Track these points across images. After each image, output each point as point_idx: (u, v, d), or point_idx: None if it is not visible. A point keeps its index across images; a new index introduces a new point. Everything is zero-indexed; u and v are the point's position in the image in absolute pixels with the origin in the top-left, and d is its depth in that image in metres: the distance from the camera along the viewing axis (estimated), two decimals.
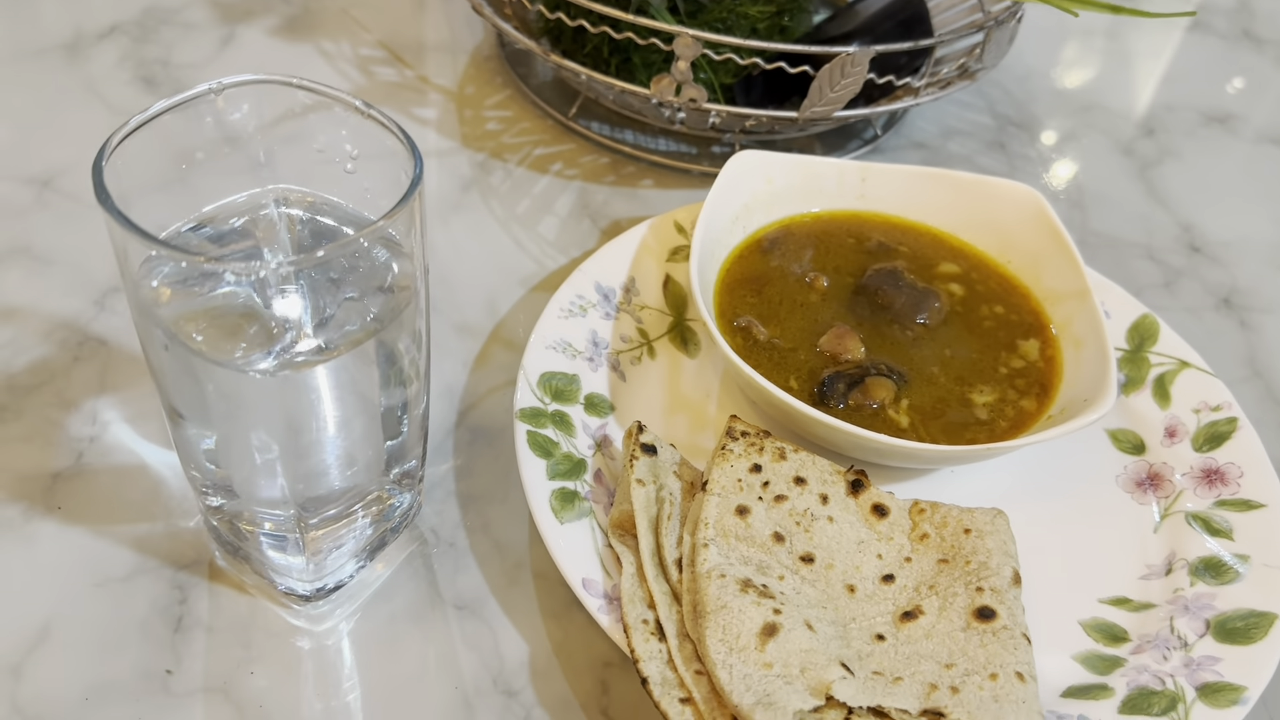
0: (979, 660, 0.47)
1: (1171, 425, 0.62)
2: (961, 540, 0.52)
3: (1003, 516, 0.53)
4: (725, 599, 0.47)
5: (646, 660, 0.47)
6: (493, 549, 0.56)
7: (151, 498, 0.56)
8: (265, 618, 0.52)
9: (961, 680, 0.46)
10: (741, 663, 0.45)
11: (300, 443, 0.46)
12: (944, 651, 0.48)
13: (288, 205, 0.48)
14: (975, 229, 0.68)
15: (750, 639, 0.46)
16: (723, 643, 0.46)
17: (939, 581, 0.51)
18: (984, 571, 0.50)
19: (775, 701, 0.43)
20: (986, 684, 0.46)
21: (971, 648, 0.48)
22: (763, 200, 0.68)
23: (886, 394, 0.59)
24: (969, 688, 0.46)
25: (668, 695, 0.46)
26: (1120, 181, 0.86)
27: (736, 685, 0.44)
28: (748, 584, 0.48)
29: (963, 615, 0.49)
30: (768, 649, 0.45)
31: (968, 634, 0.48)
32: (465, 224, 0.74)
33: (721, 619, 0.46)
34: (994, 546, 0.52)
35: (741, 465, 0.54)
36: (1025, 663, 0.47)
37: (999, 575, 0.50)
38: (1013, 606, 0.49)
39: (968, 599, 0.49)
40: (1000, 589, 0.50)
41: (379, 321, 0.45)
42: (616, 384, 0.62)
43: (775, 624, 0.46)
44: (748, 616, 0.46)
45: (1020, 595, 0.51)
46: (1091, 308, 0.62)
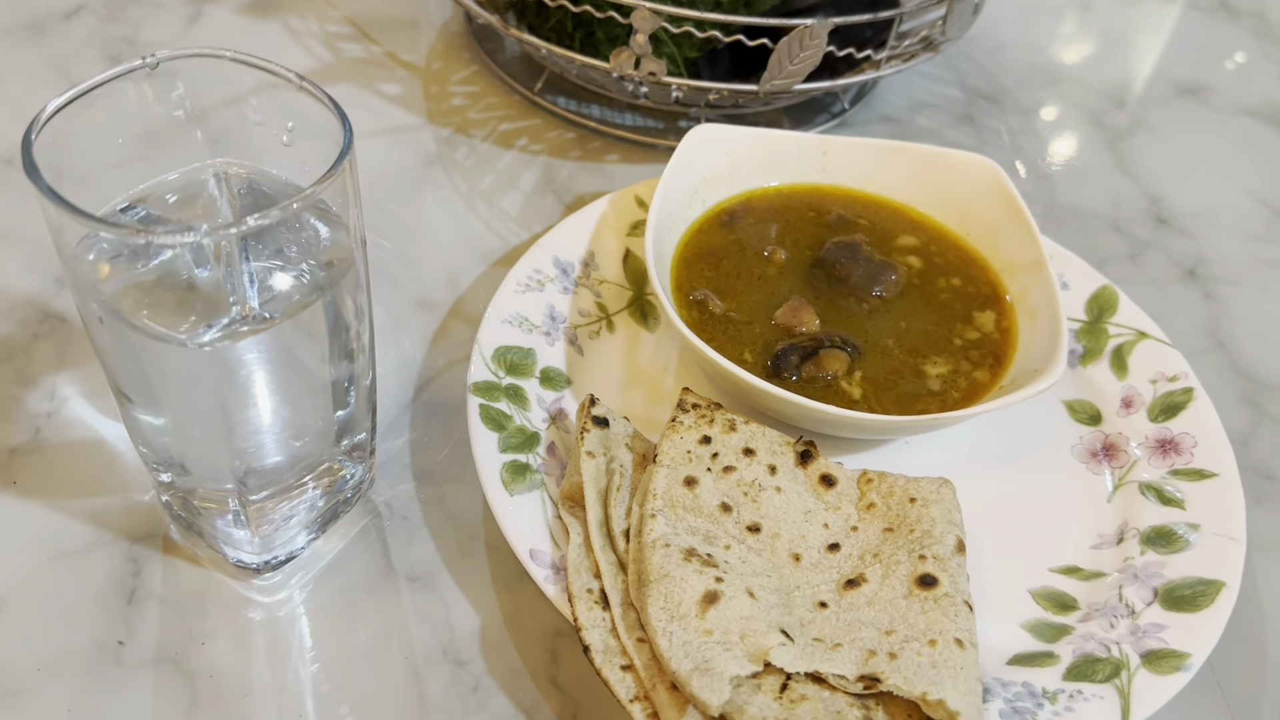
0: (919, 627, 0.47)
1: (1128, 396, 0.63)
2: (907, 509, 0.52)
3: (948, 485, 0.54)
4: (668, 568, 0.48)
5: (590, 628, 0.47)
6: (446, 522, 0.56)
7: (108, 472, 0.56)
8: (218, 590, 0.52)
9: (900, 647, 0.47)
10: (681, 630, 0.46)
11: (243, 416, 0.46)
12: (885, 618, 0.48)
13: (227, 180, 0.48)
14: (935, 201, 0.68)
15: (691, 606, 0.46)
16: (664, 610, 0.46)
17: (883, 550, 0.51)
18: (927, 540, 0.51)
19: (713, 667, 0.44)
20: (925, 650, 0.46)
21: (912, 614, 0.48)
22: (722, 174, 0.68)
23: (840, 366, 0.59)
24: (907, 654, 0.46)
25: (609, 663, 0.46)
26: (1090, 154, 0.85)
27: (675, 652, 0.45)
28: (691, 553, 0.48)
29: (905, 583, 0.49)
30: (708, 616, 0.46)
31: (909, 601, 0.48)
32: (429, 199, 0.74)
33: (664, 587, 0.47)
34: (938, 515, 0.52)
35: (691, 437, 0.54)
36: (965, 629, 0.47)
37: (942, 544, 0.51)
38: (955, 574, 0.50)
39: (910, 567, 0.50)
40: (943, 557, 0.50)
41: (317, 291, 0.45)
42: (574, 358, 0.62)
43: (716, 592, 0.47)
44: (689, 585, 0.47)
45: (964, 563, 0.51)
46: (1047, 279, 0.62)
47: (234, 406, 0.46)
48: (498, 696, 0.50)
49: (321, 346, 0.49)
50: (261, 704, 0.48)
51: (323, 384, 0.50)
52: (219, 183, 0.49)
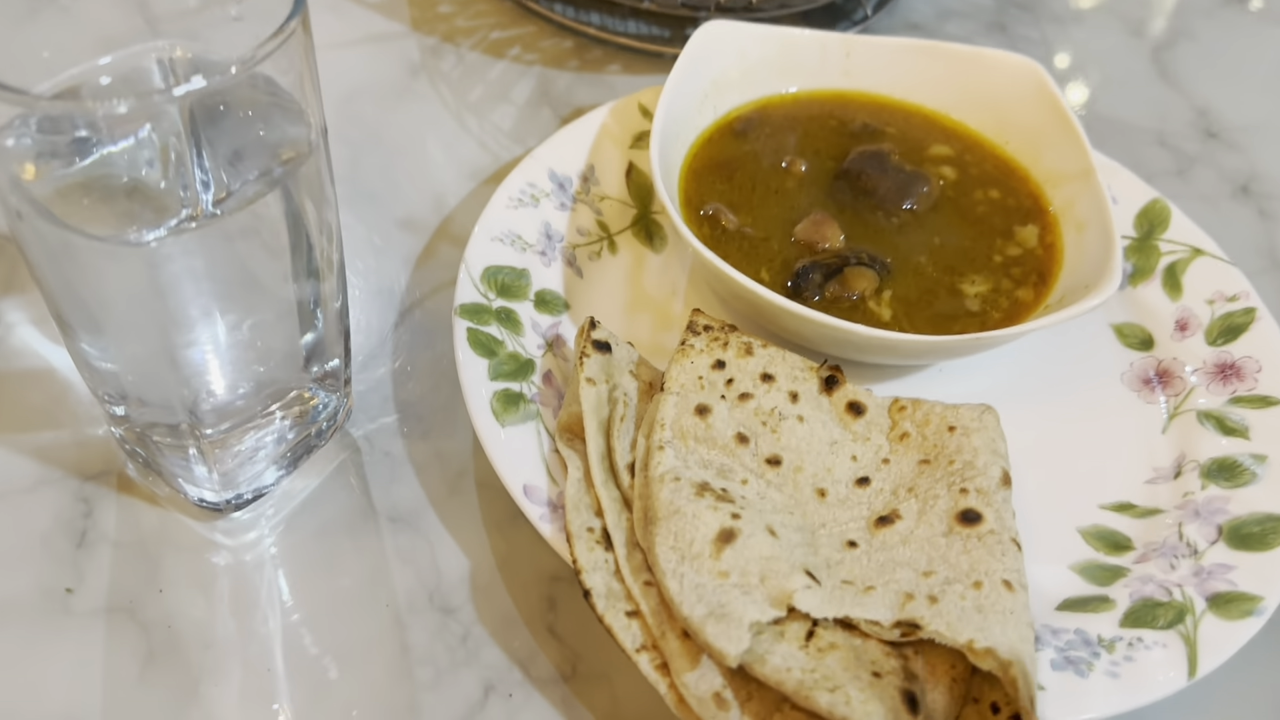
0: (961, 567, 0.42)
1: (1183, 317, 0.57)
2: (945, 439, 0.47)
3: (991, 413, 0.48)
4: (678, 503, 0.42)
5: (590, 571, 0.42)
6: (432, 457, 0.51)
7: (57, 404, 0.51)
8: (177, 532, 0.47)
9: (941, 589, 0.41)
10: (694, 571, 0.40)
11: (192, 335, 0.41)
12: (922, 558, 0.43)
13: (173, 66, 0.42)
14: (970, 107, 0.62)
15: (704, 546, 0.41)
16: (674, 550, 0.41)
17: (919, 484, 0.46)
18: (969, 472, 0.45)
19: (730, 613, 0.39)
20: (969, 593, 0.41)
21: (953, 554, 0.43)
22: (734, 78, 0.62)
23: (867, 285, 0.53)
24: (949, 597, 0.41)
25: (613, 608, 0.41)
26: (1130, 64, 0.79)
27: (687, 595, 0.40)
28: (704, 488, 0.43)
29: (944, 519, 0.44)
30: (723, 556, 0.41)
31: (949, 539, 0.43)
32: (412, 112, 0.68)
33: (673, 524, 0.42)
34: (980, 445, 0.46)
35: (703, 361, 0.48)
36: (1014, 570, 0.42)
37: (986, 476, 0.45)
38: (1001, 509, 0.44)
39: (950, 501, 0.44)
40: (987, 490, 0.45)
41: (272, 185, 0.39)
42: (572, 280, 0.56)
43: (733, 529, 0.41)
44: (703, 522, 0.41)
45: (1010, 498, 0.45)
46: (1096, 188, 0.56)
47: (181, 324, 0.40)
48: (489, 647, 0.45)
49: (284, 260, 0.43)
50: (225, 657, 0.43)
51: (288, 304, 0.44)
52: (164, 69, 0.43)
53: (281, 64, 0.37)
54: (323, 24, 0.72)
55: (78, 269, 0.39)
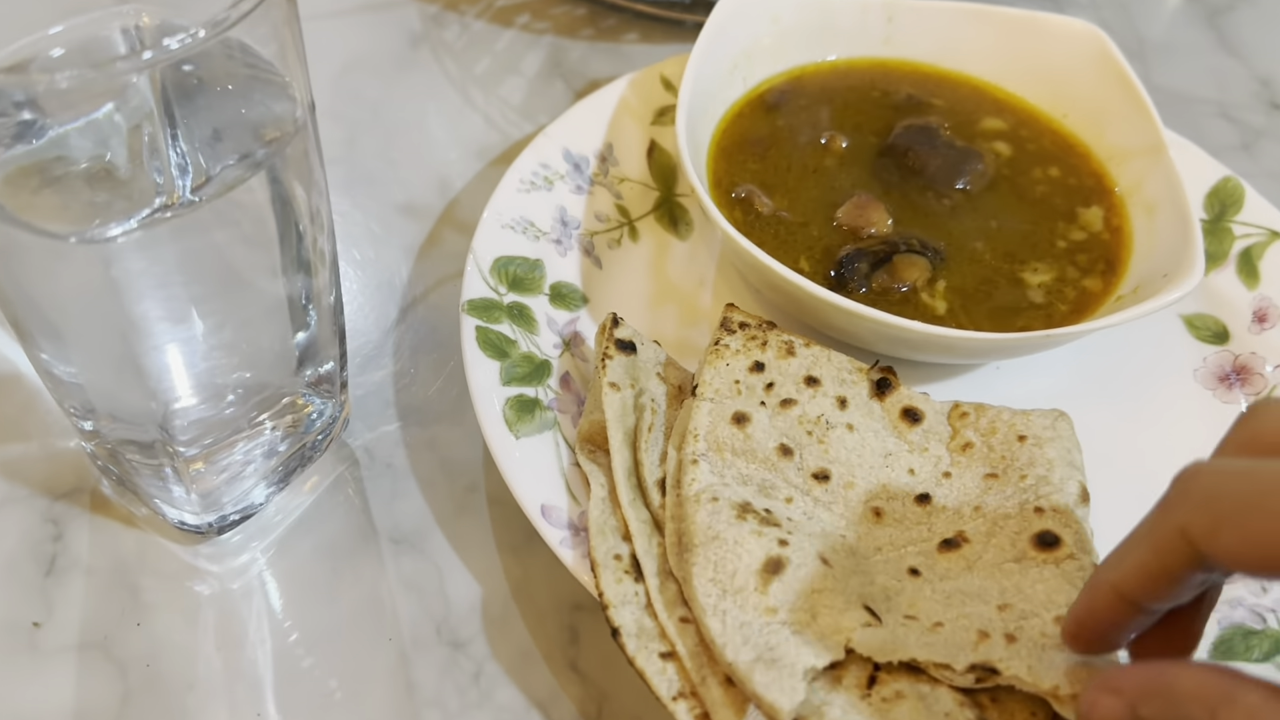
0: (1038, 599, 0.37)
1: (1261, 308, 0.52)
2: (1015, 450, 0.42)
3: (1066, 419, 0.43)
4: (718, 528, 0.37)
5: (619, 606, 0.37)
6: (439, 470, 0.46)
7: (25, 413, 0.46)
8: (156, 557, 0.42)
9: (1018, 625, 0.36)
10: (738, 608, 0.35)
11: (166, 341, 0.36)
12: (995, 589, 0.38)
13: (140, 34, 0.37)
14: (1024, 77, 0.57)
15: (749, 578, 0.36)
16: (714, 583, 0.36)
17: (986, 501, 0.41)
18: (1043, 488, 0.40)
19: (780, 657, 0.34)
20: (1050, 629, 0.36)
21: (1028, 583, 0.38)
22: (767, 46, 0.56)
23: (919, 274, 0.48)
24: (1027, 634, 0.36)
25: (645, 649, 0.36)
26: (1187, 30, 0.74)
27: (731, 637, 0.35)
28: (746, 508, 0.38)
29: (1017, 543, 0.39)
30: (771, 590, 0.36)
31: (1023, 566, 0.38)
32: (413, 86, 0.63)
33: (713, 553, 0.37)
34: (1055, 457, 0.41)
35: (740, 363, 0.43)
36: None
37: (1062, 492, 0.40)
38: (1080, 530, 0.39)
39: (1022, 522, 0.40)
40: (1064, 508, 0.40)
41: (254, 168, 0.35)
42: (590, 271, 0.51)
43: (781, 558, 0.36)
44: (746, 549, 0.37)
45: (1088, 516, 0.41)
46: (1167, 165, 0.51)
47: (153, 328, 0.35)
48: (504, 686, 0.40)
49: (270, 253, 0.38)
50: (210, 698, 0.39)
51: (276, 300, 0.40)
52: (130, 39, 0.37)
53: (261, 31, 0.32)
54: None
55: (32, 269, 0.34)
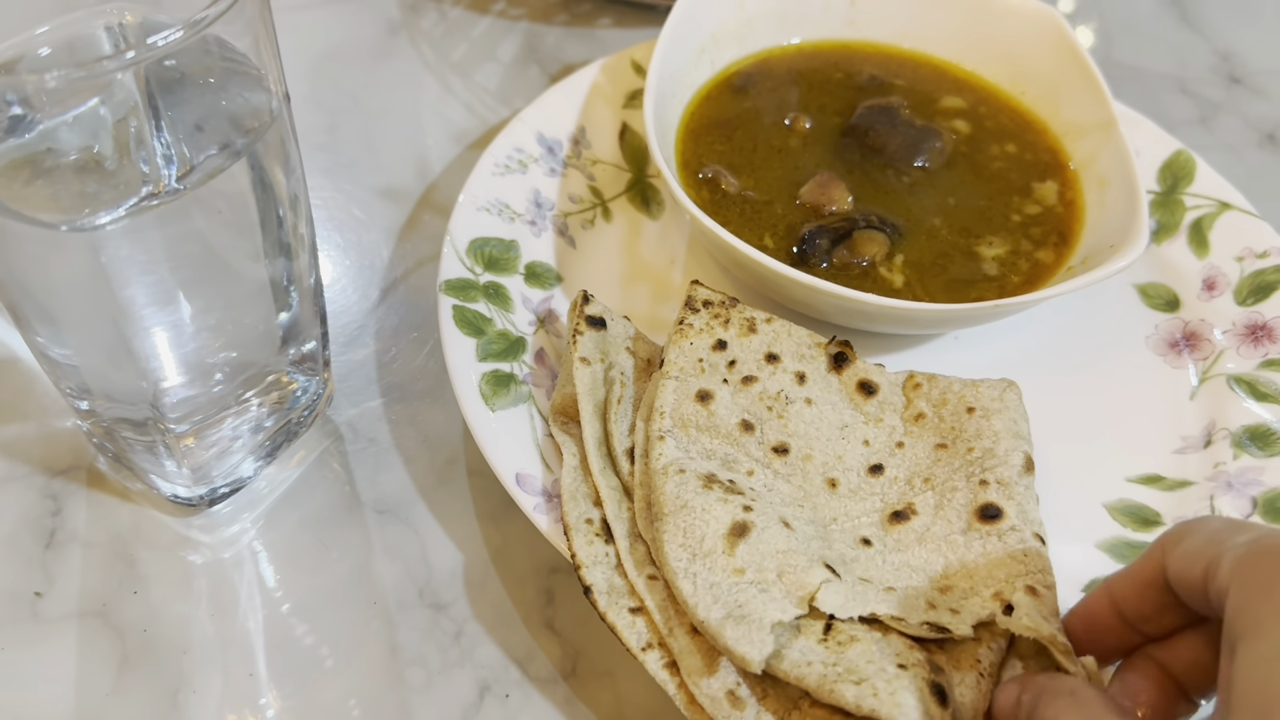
0: (979, 575, 0.39)
1: (1210, 276, 0.54)
2: (964, 421, 0.44)
3: (1014, 389, 0.45)
4: (685, 497, 0.39)
5: (590, 566, 0.39)
6: (420, 444, 0.48)
7: (22, 395, 0.48)
8: (151, 529, 0.44)
9: (960, 603, 0.38)
10: (707, 570, 0.38)
11: (156, 323, 0.38)
12: (939, 563, 0.40)
13: (124, 32, 0.38)
14: (983, 57, 0.59)
15: (717, 541, 0.38)
16: (684, 548, 0.38)
17: (935, 473, 0.43)
18: (989, 460, 0.42)
19: (748, 614, 0.36)
20: (990, 605, 0.38)
21: (972, 556, 0.40)
22: (733, 30, 0.58)
23: (878, 249, 0.50)
24: (969, 609, 0.38)
25: (615, 605, 0.38)
26: (1149, 6, 0.75)
27: (702, 596, 0.37)
28: (711, 479, 0.40)
29: (962, 515, 0.41)
30: (738, 552, 0.38)
31: (968, 538, 0.40)
32: (392, 73, 0.64)
33: (682, 520, 0.39)
34: (1002, 428, 0.43)
35: (703, 342, 0.45)
36: (1037, 571, 0.39)
37: (1006, 464, 0.42)
38: (1023, 500, 0.41)
39: (969, 494, 0.42)
40: (1008, 481, 0.42)
41: (234, 157, 0.36)
42: (564, 250, 0.53)
43: (746, 522, 0.39)
44: (713, 515, 0.39)
45: (1033, 484, 0.43)
46: (1118, 140, 0.52)
47: (142, 311, 0.37)
48: (484, 645, 0.42)
49: (252, 237, 0.40)
50: (204, 661, 0.41)
51: (258, 282, 0.41)
52: (114, 36, 0.39)
53: (236, 26, 0.34)
54: None
55: (26, 258, 0.36)
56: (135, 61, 0.30)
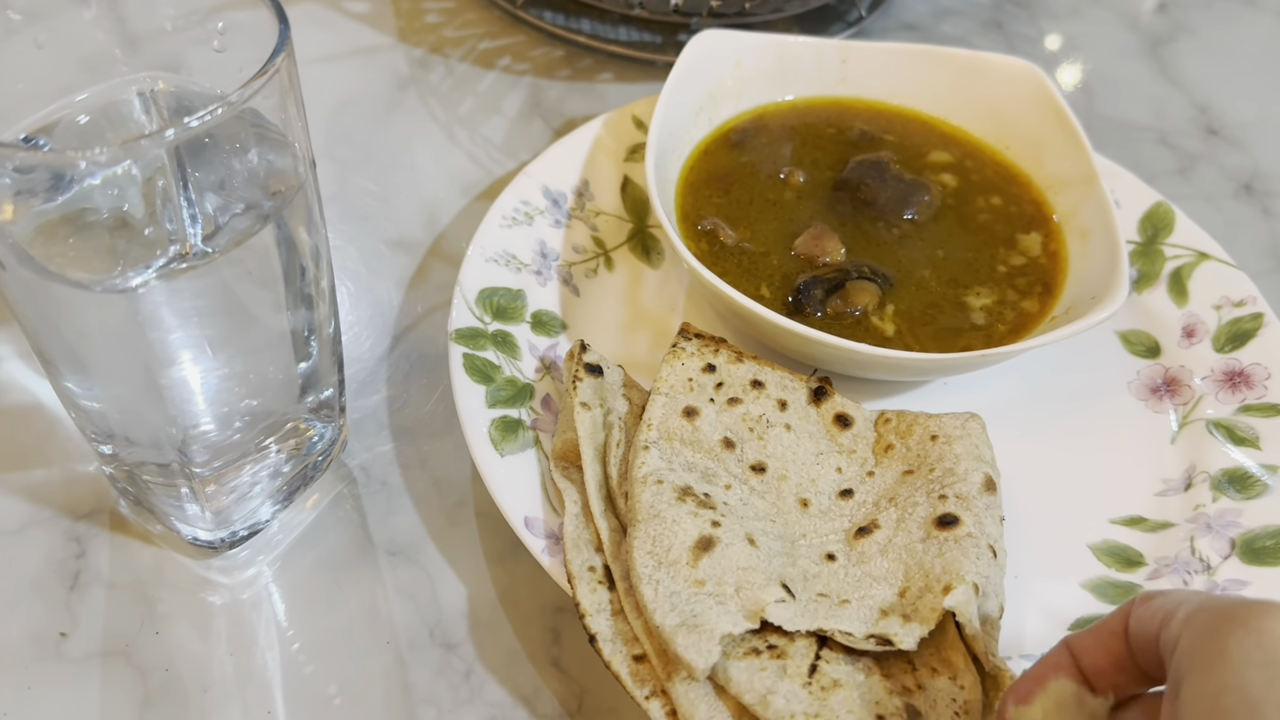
0: (934, 572, 0.41)
1: (1190, 324, 0.56)
2: (928, 448, 0.46)
3: (976, 420, 0.48)
4: (659, 507, 0.42)
5: (594, 614, 0.41)
6: (431, 487, 0.50)
7: (46, 440, 0.50)
8: (173, 571, 0.46)
9: (914, 605, 0.41)
10: (669, 578, 0.40)
11: (186, 375, 0.40)
12: (899, 569, 0.42)
13: (155, 99, 0.41)
14: (969, 112, 0.61)
15: (682, 552, 0.41)
16: (651, 555, 0.41)
17: (900, 493, 0.45)
18: (949, 479, 0.45)
19: (702, 624, 0.38)
20: (940, 599, 0.40)
21: (929, 558, 0.42)
22: (730, 87, 0.60)
23: (870, 299, 0.52)
24: (923, 609, 0.40)
25: (619, 653, 0.40)
26: (1129, 60, 0.78)
27: (661, 603, 0.39)
28: (687, 492, 0.43)
29: (922, 525, 0.43)
30: (700, 565, 0.40)
31: (926, 545, 0.43)
32: (402, 127, 0.66)
33: (652, 529, 0.41)
34: (963, 452, 0.46)
35: (694, 364, 0.48)
36: (984, 575, 0.41)
37: (966, 482, 0.45)
38: (981, 515, 0.43)
39: (929, 508, 0.44)
40: (967, 496, 0.44)
41: (262, 221, 0.38)
42: (569, 299, 0.55)
43: (712, 537, 0.41)
44: (682, 528, 0.41)
45: (996, 504, 0.45)
46: (1099, 194, 0.55)
47: (170, 363, 0.39)
48: (493, 684, 0.44)
49: (276, 290, 0.42)
50: (224, 699, 0.43)
51: (280, 333, 0.43)
52: (146, 102, 0.41)
53: (267, 99, 0.36)
54: (308, 38, 0.70)
55: (62, 313, 0.38)
56: (174, 140, 0.32)
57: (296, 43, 0.38)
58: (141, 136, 0.32)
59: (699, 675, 0.37)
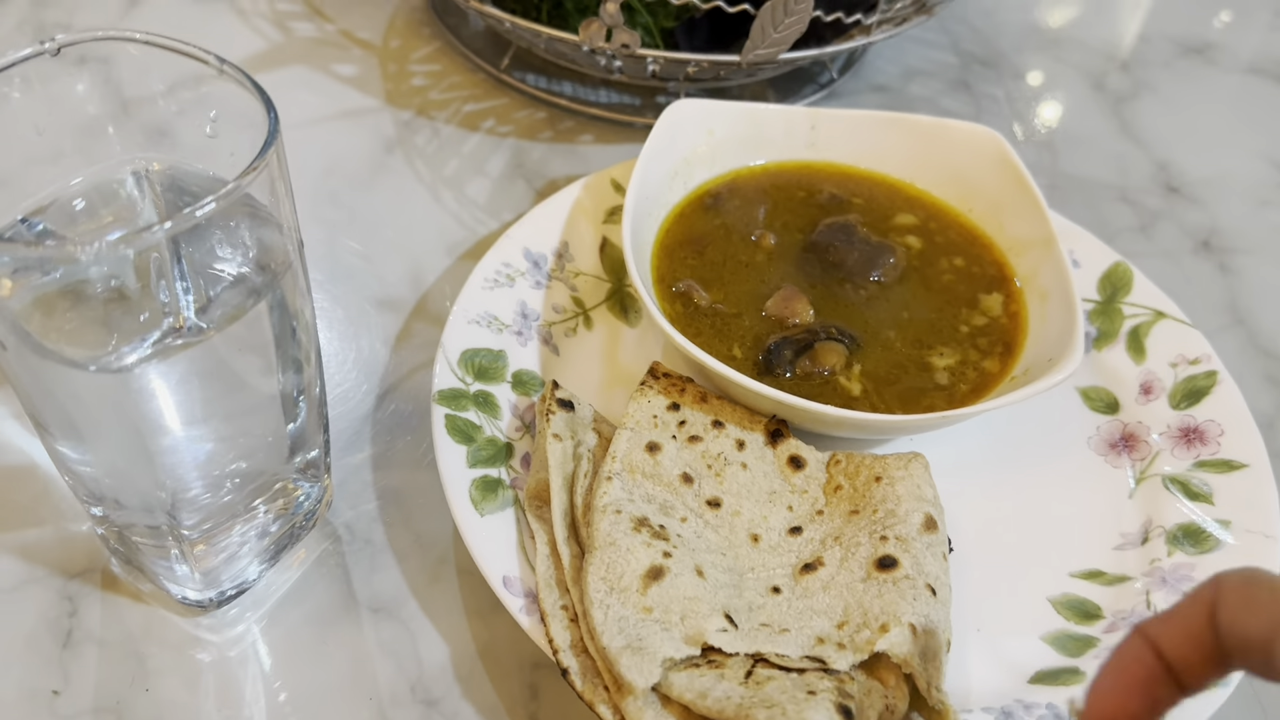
0: (873, 611, 0.44)
1: (1147, 381, 0.58)
2: (872, 489, 0.49)
3: (918, 460, 0.50)
4: (615, 535, 0.44)
5: (565, 649, 0.43)
6: (413, 544, 0.51)
7: (40, 500, 0.51)
8: (162, 629, 0.47)
9: (850, 637, 0.43)
10: (620, 604, 0.42)
11: (178, 443, 0.42)
12: (839, 605, 0.45)
13: (149, 179, 0.43)
14: (934, 176, 0.64)
15: (633, 580, 0.43)
16: (604, 580, 0.43)
17: (845, 532, 0.48)
18: (890, 520, 0.47)
19: (645, 647, 0.41)
20: (876, 637, 0.42)
21: (868, 598, 0.44)
22: (704, 153, 0.63)
23: (837, 360, 0.54)
24: (859, 642, 0.43)
25: (591, 685, 0.42)
26: (1093, 119, 0.81)
27: (609, 626, 0.42)
28: (643, 523, 0.45)
29: (863, 565, 0.46)
30: (650, 592, 0.43)
31: (866, 585, 0.45)
32: (388, 188, 0.68)
33: (608, 555, 0.44)
34: (904, 493, 0.48)
35: (660, 402, 0.52)
36: (922, 615, 0.43)
37: (906, 523, 0.47)
38: (920, 555, 0.46)
39: (871, 549, 0.46)
40: (906, 537, 0.46)
41: (255, 296, 0.40)
42: (548, 358, 0.57)
43: (662, 567, 0.43)
44: (635, 557, 0.44)
45: (936, 542, 0.47)
46: (1057, 256, 0.57)
47: (168, 434, 0.41)
48: None
49: (266, 357, 0.44)
50: None
51: (270, 397, 0.45)
52: (139, 182, 0.43)
53: (259, 185, 0.38)
54: (296, 100, 0.73)
55: (57, 386, 0.40)
56: (171, 231, 0.34)
57: (285, 105, 0.40)
58: (141, 229, 0.34)
59: (639, 693, 0.40)
